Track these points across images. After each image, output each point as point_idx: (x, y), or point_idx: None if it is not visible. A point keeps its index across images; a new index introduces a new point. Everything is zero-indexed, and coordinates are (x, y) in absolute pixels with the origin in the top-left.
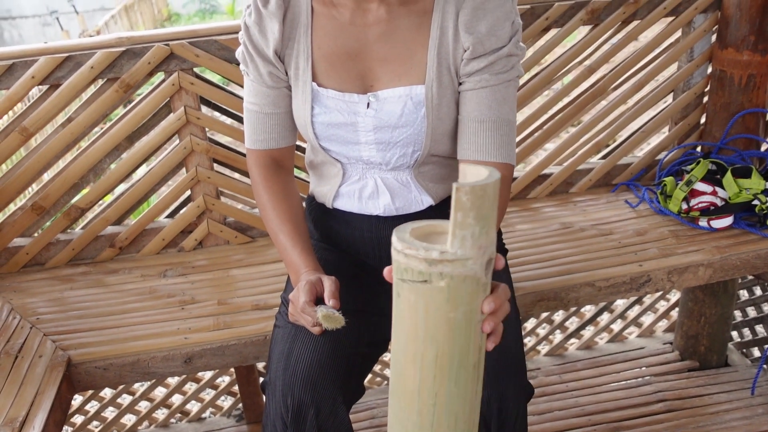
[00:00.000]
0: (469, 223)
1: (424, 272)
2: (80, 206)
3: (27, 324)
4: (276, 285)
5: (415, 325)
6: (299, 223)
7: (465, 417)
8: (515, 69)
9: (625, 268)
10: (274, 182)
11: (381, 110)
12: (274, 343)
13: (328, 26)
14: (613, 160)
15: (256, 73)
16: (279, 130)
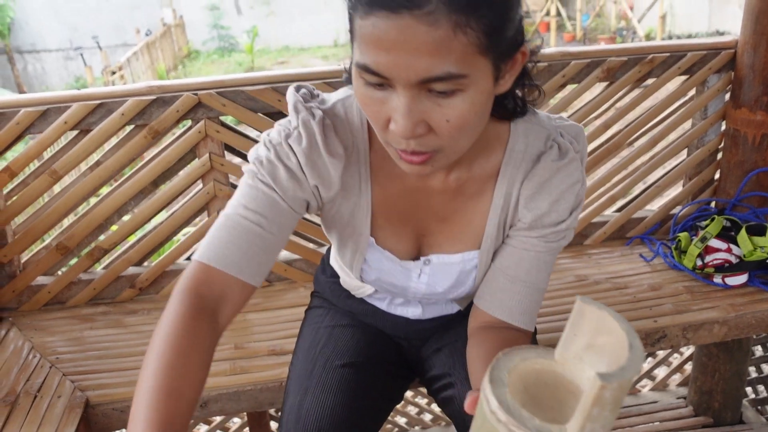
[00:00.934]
0: (604, 416)
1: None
2: (103, 247)
3: (47, 363)
4: (293, 330)
5: None
6: (185, 405)
7: None
8: (566, 238)
9: (640, 324)
10: (201, 328)
11: (434, 277)
12: (287, 394)
13: (389, 185)
14: (628, 213)
15: (280, 186)
16: (261, 260)
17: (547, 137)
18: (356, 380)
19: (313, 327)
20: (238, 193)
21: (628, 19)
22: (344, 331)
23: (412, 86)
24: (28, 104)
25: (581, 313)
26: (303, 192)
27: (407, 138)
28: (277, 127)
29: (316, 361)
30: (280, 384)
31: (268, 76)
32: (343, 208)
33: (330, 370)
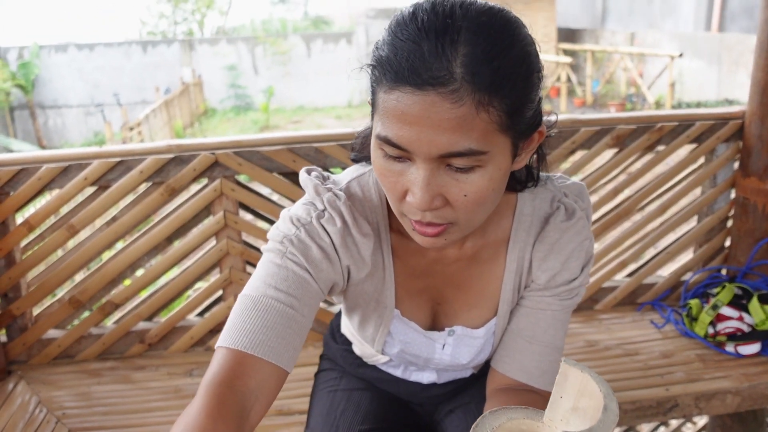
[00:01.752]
0: None
1: None
2: (115, 302)
3: (53, 418)
4: (301, 390)
5: None
6: None
7: None
8: (578, 296)
9: (652, 392)
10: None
11: (457, 348)
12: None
13: (409, 259)
14: (639, 278)
15: (313, 266)
16: (296, 344)
17: (552, 199)
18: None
19: (328, 390)
20: (262, 272)
21: (638, 86)
22: (362, 395)
23: (432, 160)
24: (50, 160)
25: (565, 376)
26: (334, 273)
27: (424, 210)
28: (302, 206)
29: (338, 425)
30: None
31: (284, 138)
32: (367, 285)
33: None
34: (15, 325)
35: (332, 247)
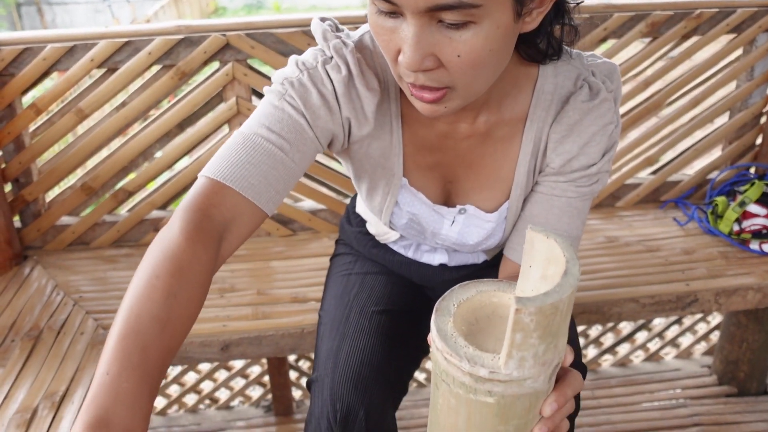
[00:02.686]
0: (531, 343)
1: (469, 386)
2: (128, 189)
3: (70, 301)
4: (315, 279)
5: (454, 426)
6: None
7: None
8: (599, 183)
9: (671, 287)
10: (202, 252)
11: (467, 228)
12: (321, 339)
13: (418, 128)
14: (663, 176)
15: (311, 111)
16: (279, 187)
17: (577, 77)
18: (391, 327)
19: (342, 274)
20: (258, 112)
21: None
22: (376, 278)
23: (421, 14)
24: (55, 40)
25: (531, 243)
26: (333, 123)
27: (414, 70)
28: (311, 52)
29: (351, 307)
30: (301, 331)
31: (299, 19)
32: (373, 147)
33: (366, 316)
34: (28, 211)
35: (333, 96)
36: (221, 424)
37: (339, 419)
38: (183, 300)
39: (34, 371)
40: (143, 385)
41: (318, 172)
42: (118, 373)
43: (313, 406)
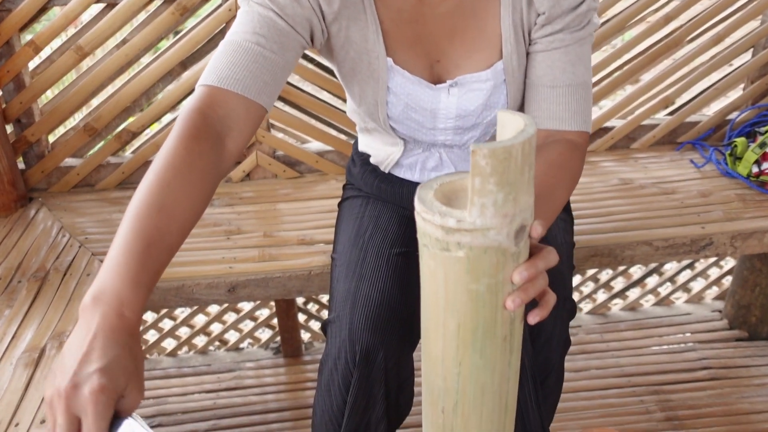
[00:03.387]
0: (489, 189)
1: (442, 240)
2: (131, 130)
3: (76, 242)
4: (323, 221)
5: (435, 293)
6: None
7: (494, 388)
8: (591, 24)
9: (686, 230)
10: (203, 148)
11: (464, 96)
12: (337, 281)
13: (392, 2)
14: (681, 117)
15: (276, 3)
16: (266, 78)
17: None
18: (407, 269)
19: (354, 216)
20: (234, 24)
21: None
22: (390, 220)
23: None
24: None
25: (503, 125)
26: (302, 8)
27: None
28: None
29: (367, 249)
30: (308, 273)
31: None
32: (351, 31)
33: (383, 257)
34: (31, 153)
35: None
36: (231, 365)
37: (358, 361)
38: (177, 189)
39: (41, 312)
40: (143, 263)
41: (324, 112)
42: (120, 253)
43: (329, 348)
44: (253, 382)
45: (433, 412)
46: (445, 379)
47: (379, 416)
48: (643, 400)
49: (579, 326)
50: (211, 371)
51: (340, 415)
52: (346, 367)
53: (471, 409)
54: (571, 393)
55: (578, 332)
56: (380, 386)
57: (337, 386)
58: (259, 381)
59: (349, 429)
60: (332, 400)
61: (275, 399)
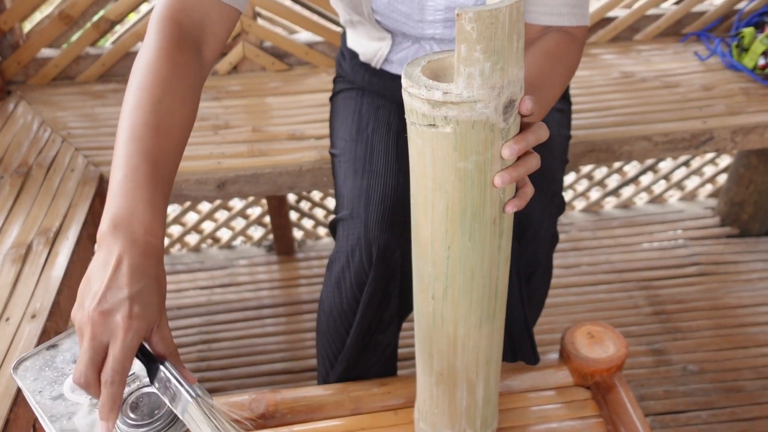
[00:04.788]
0: (476, 57)
1: (428, 115)
2: (110, 18)
3: (58, 137)
4: (313, 116)
5: (423, 173)
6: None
7: (483, 273)
8: None
9: (687, 124)
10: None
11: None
12: (343, 177)
13: None
14: (687, 6)
15: None
16: None
17: None
18: None
19: (351, 110)
20: None
21: None
22: (390, 113)
23: None
24: None
25: None
26: None
27: None
28: None
29: (373, 144)
30: (299, 169)
31: None
32: None
33: (391, 152)
34: (6, 43)
35: None
36: (224, 262)
37: (375, 260)
38: (170, 105)
39: (26, 208)
40: (155, 185)
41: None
42: (128, 176)
43: (341, 245)
44: (247, 278)
45: (423, 299)
46: (435, 264)
47: (393, 314)
48: (632, 295)
49: (571, 224)
50: (204, 268)
51: (351, 312)
52: (361, 266)
53: (460, 294)
54: (561, 289)
55: (570, 230)
56: (395, 284)
57: (350, 284)
58: (252, 278)
59: (362, 327)
60: (342, 298)
61: (269, 295)
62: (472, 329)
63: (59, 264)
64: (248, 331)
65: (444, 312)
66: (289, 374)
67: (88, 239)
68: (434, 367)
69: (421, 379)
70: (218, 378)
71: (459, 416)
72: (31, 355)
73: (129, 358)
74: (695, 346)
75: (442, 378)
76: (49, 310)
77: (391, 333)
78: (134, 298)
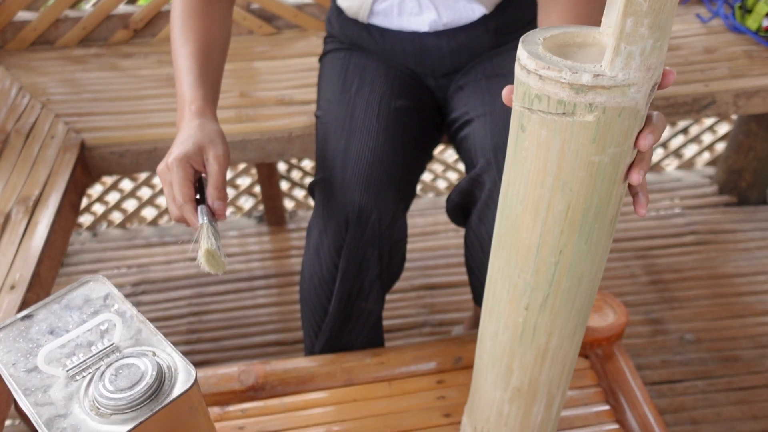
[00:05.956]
0: (641, 34)
1: (567, 102)
2: None
3: (38, 103)
4: (303, 80)
5: (542, 169)
6: (211, 52)
7: (590, 277)
8: None
9: (689, 88)
10: None
11: None
12: (324, 139)
13: None
14: None
15: None
16: None
17: None
18: (398, 125)
19: (338, 70)
20: None
21: None
22: (376, 74)
23: None
24: None
25: None
26: None
27: None
28: None
29: (355, 104)
30: (288, 135)
31: None
32: None
33: (372, 112)
34: None
35: None
36: None
37: (351, 221)
38: (217, 19)
39: (3, 176)
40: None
41: None
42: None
43: (318, 210)
44: (238, 250)
45: (512, 311)
46: (537, 272)
47: (373, 279)
48: (628, 264)
49: None
50: (194, 240)
51: (331, 279)
52: (338, 230)
53: (562, 303)
54: None
55: None
56: (373, 249)
57: (327, 250)
58: (243, 249)
59: (341, 293)
60: (321, 264)
61: (261, 266)
62: (566, 339)
63: (39, 234)
64: (239, 303)
65: (538, 323)
66: (281, 345)
67: (69, 208)
68: (511, 383)
69: (488, 396)
70: (209, 350)
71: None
72: (4, 326)
73: (183, 184)
74: (692, 316)
75: (520, 394)
76: (29, 281)
77: (373, 300)
78: (177, 148)
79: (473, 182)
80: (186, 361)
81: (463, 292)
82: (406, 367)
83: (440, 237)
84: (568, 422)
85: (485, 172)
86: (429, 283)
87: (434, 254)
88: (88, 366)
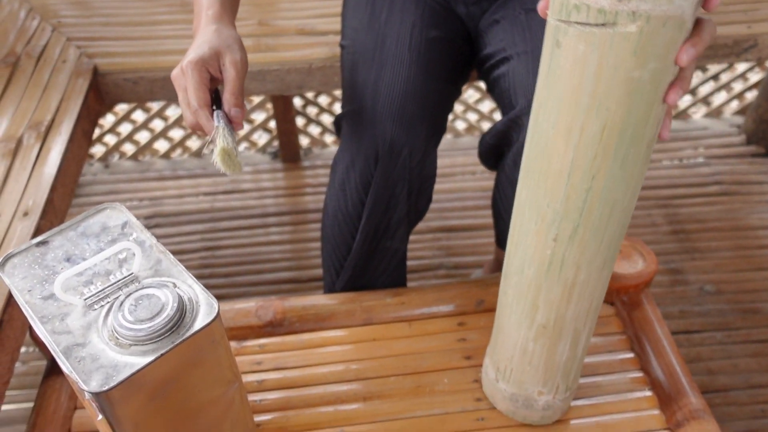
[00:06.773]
0: None
1: (608, 11)
2: None
3: (48, 26)
4: (324, 9)
5: (578, 88)
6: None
7: (623, 206)
8: None
9: (730, 29)
10: None
11: None
12: (352, 70)
13: None
14: None
15: None
16: None
17: None
18: (430, 57)
19: None
20: None
21: None
22: (406, 1)
23: None
24: None
25: None
26: None
27: None
28: None
29: (385, 33)
30: (309, 66)
31: None
32: None
33: (403, 42)
34: None
35: None
36: None
37: (381, 156)
38: None
39: (14, 100)
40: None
41: None
42: None
43: (345, 144)
44: (251, 186)
45: (539, 242)
46: (567, 199)
47: (401, 217)
48: (650, 213)
49: None
50: (207, 174)
51: (356, 215)
52: (366, 165)
53: (592, 234)
54: None
55: None
56: (403, 185)
57: (354, 185)
58: (257, 185)
59: (367, 230)
60: (347, 200)
61: (274, 203)
62: (594, 274)
63: (52, 160)
64: (253, 239)
65: (566, 256)
66: (295, 283)
67: (82, 135)
68: (537, 320)
69: (512, 335)
70: (222, 285)
71: (555, 372)
72: (18, 252)
73: (198, 88)
74: (713, 267)
75: (545, 331)
76: (42, 208)
77: (399, 239)
78: (192, 52)
79: (511, 123)
80: (208, 293)
81: (479, 235)
82: (427, 308)
83: (457, 179)
84: (591, 368)
85: (525, 114)
86: (445, 226)
87: (450, 197)
88: (107, 295)
